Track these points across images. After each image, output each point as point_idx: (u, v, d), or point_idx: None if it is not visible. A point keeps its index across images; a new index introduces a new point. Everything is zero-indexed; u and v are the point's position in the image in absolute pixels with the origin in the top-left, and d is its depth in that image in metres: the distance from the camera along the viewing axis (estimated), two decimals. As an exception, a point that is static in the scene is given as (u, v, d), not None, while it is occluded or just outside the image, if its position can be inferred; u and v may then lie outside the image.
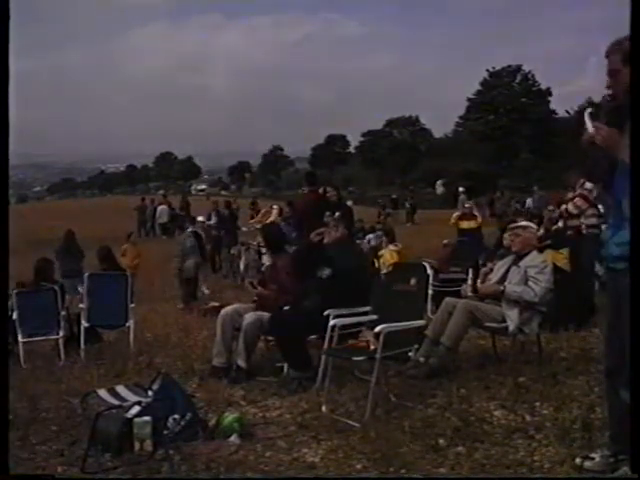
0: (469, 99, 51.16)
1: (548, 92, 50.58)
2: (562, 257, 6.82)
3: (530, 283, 4.72)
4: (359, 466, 3.29)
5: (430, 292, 7.00)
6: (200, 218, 13.73)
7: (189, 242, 11.04)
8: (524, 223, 5.62)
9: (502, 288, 4.76)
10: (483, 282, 5.21)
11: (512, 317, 4.65)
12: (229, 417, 3.87)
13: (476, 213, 12.96)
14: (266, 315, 5.01)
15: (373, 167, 59.85)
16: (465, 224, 12.50)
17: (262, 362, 5.29)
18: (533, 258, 4.91)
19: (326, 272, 5.06)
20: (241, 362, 4.99)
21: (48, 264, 7.47)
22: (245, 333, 4.96)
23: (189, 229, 11.75)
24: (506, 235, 5.85)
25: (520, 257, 4.96)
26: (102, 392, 3.78)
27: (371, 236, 12.97)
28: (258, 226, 12.04)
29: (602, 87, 2.72)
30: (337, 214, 8.66)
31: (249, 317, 5.00)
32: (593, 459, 2.98)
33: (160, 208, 24.78)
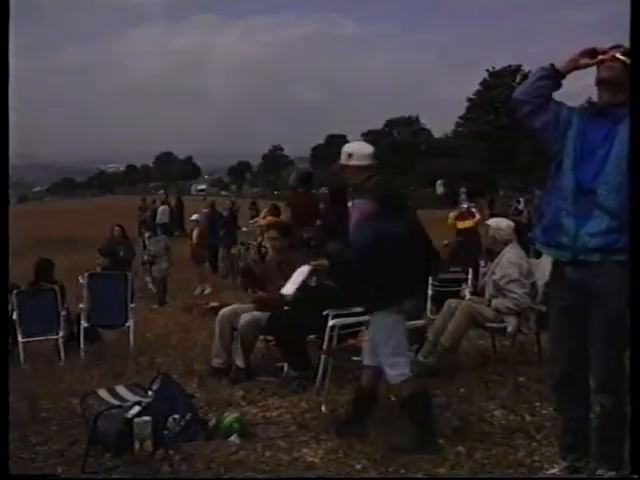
0: (469, 99, 51.14)
1: (548, 92, 50.56)
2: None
3: (507, 293, 4.72)
4: (359, 466, 3.29)
5: (430, 292, 7.01)
6: (194, 217, 13.77)
7: (162, 245, 11.52)
8: (490, 221, 5.50)
9: (487, 303, 4.81)
10: (482, 283, 5.23)
11: (510, 320, 4.67)
12: (229, 417, 3.87)
13: (473, 211, 12.84)
14: (263, 315, 5.01)
15: (373, 167, 59.73)
16: (461, 224, 12.47)
17: (262, 362, 5.29)
18: (501, 266, 4.83)
19: (313, 280, 5.10)
20: (239, 362, 4.99)
21: (48, 264, 7.46)
22: (241, 333, 4.97)
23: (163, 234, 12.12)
24: None
25: (493, 254, 4.98)
26: (102, 392, 3.77)
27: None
28: (262, 222, 12.09)
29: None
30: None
31: (244, 317, 4.99)
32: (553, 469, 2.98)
33: (161, 208, 24.82)
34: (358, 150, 3.82)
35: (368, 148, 3.90)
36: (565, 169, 2.63)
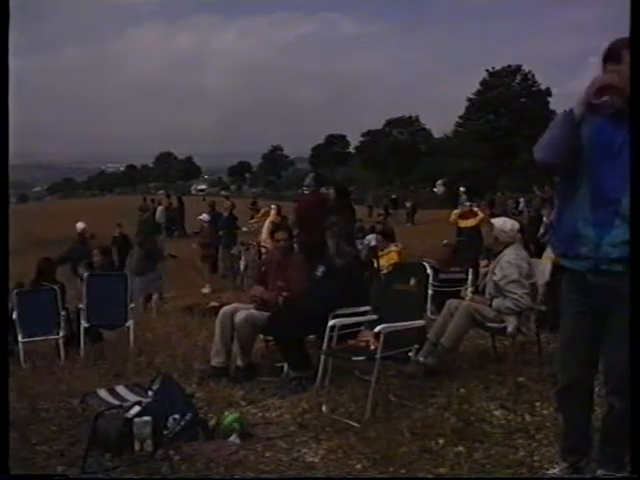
0: (469, 99, 51.16)
1: (548, 92, 50.56)
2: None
3: (507, 294, 4.71)
4: (359, 466, 3.29)
5: (430, 292, 7.00)
6: (203, 216, 13.85)
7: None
8: (495, 220, 5.45)
9: (488, 303, 4.80)
10: (482, 283, 5.23)
11: (510, 320, 4.67)
12: (229, 417, 3.87)
13: (476, 209, 12.78)
14: (259, 314, 5.01)
15: (373, 167, 59.81)
16: (463, 222, 12.44)
17: (262, 362, 5.29)
18: (501, 267, 4.81)
19: (320, 270, 5.09)
20: (239, 362, 5.00)
21: (51, 264, 7.47)
22: (238, 332, 4.97)
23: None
24: None
25: (495, 254, 4.99)
26: (102, 392, 3.77)
27: (371, 236, 12.95)
28: (257, 226, 12.14)
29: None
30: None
31: (239, 315, 4.99)
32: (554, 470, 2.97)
33: (160, 208, 24.85)
34: None
35: None
36: (581, 176, 2.51)
